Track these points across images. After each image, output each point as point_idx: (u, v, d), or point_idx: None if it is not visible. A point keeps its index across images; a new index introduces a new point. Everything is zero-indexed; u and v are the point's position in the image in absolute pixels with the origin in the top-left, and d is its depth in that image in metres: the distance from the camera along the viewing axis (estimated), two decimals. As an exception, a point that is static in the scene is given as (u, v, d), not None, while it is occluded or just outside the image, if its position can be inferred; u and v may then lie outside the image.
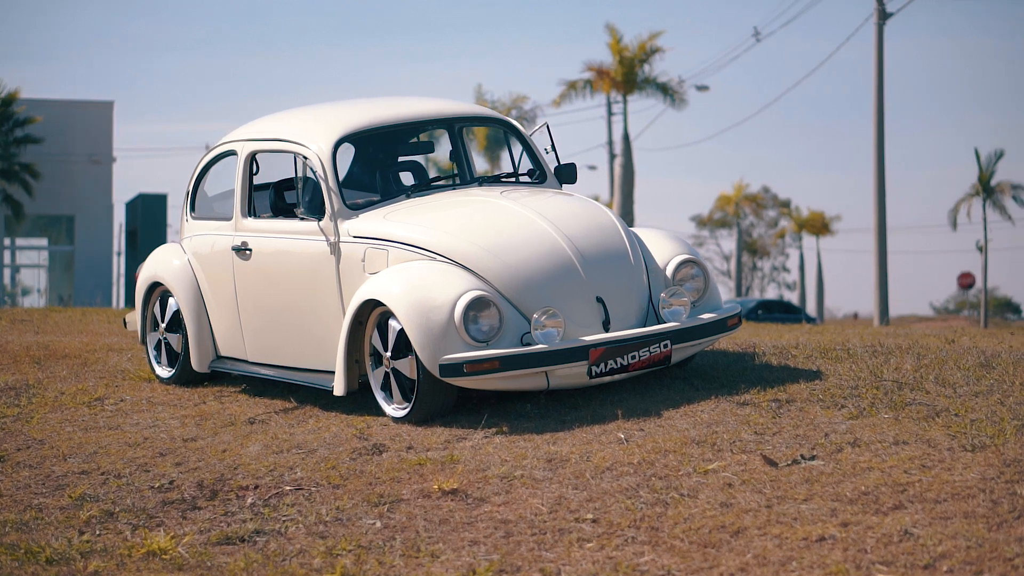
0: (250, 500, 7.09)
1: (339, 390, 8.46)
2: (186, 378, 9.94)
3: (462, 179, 9.31)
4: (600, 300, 8.10)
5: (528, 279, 8.04)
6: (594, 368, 7.94)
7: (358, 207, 8.74)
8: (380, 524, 6.53)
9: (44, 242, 49.56)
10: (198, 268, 9.76)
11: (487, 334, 7.89)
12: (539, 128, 9.53)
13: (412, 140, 9.84)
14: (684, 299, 8.25)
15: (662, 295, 8.24)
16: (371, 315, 8.31)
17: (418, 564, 6.00)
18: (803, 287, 79.25)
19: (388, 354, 8.21)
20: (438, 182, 9.38)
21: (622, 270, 8.24)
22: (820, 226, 78.20)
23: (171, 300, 9.95)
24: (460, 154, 9.39)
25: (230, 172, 9.60)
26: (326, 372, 8.74)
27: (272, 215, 9.19)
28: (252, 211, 9.38)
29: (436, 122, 9.54)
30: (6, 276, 49.28)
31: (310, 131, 9.05)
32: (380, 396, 8.37)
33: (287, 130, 9.25)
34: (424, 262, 8.21)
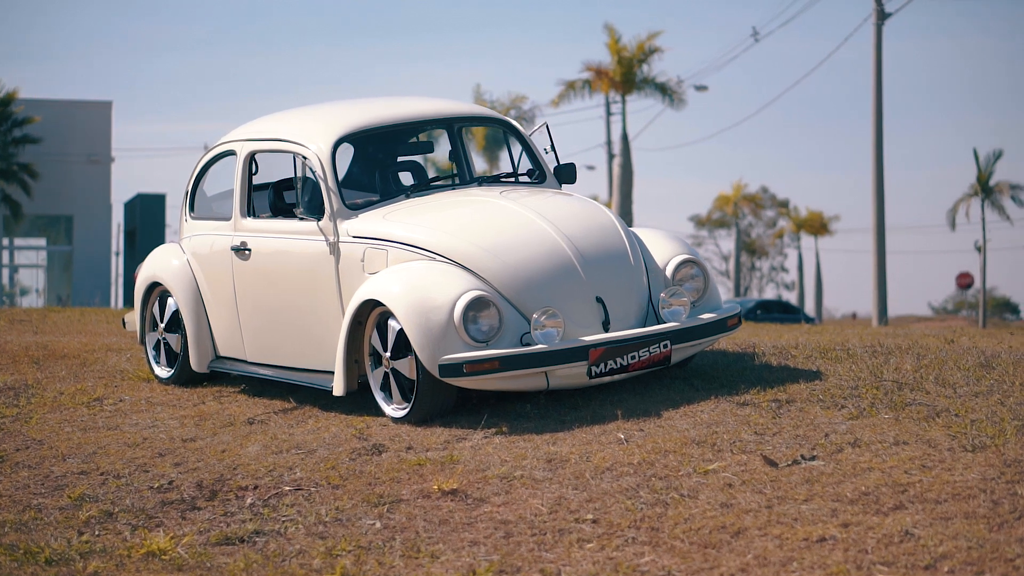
0: (249, 500, 7.08)
1: (338, 390, 8.45)
2: (185, 378, 9.93)
3: (461, 179, 9.31)
4: (600, 300, 8.09)
5: (528, 279, 8.02)
6: (594, 368, 7.93)
7: (357, 207, 8.73)
8: (380, 524, 6.52)
9: (42, 242, 49.57)
10: (197, 268, 9.74)
11: (487, 334, 7.88)
12: (539, 128, 9.52)
13: (411, 140, 9.83)
14: (684, 299, 8.24)
15: (662, 295, 8.23)
16: (370, 315, 8.30)
17: (418, 565, 5.99)
18: (802, 287, 79.32)
19: (387, 354, 8.20)
20: (437, 182, 9.37)
21: (622, 270, 8.23)
22: (819, 226, 78.22)
23: (170, 300, 9.94)
24: (459, 154, 9.37)
25: (229, 172, 9.59)
26: (325, 372, 8.73)
27: (271, 215, 9.18)
28: (251, 211, 9.37)
29: (435, 122, 9.53)
30: (4, 276, 49.29)
31: (309, 131, 9.04)
32: (379, 396, 8.36)
33: (286, 130, 9.24)
34: (424, 262, 8.20)
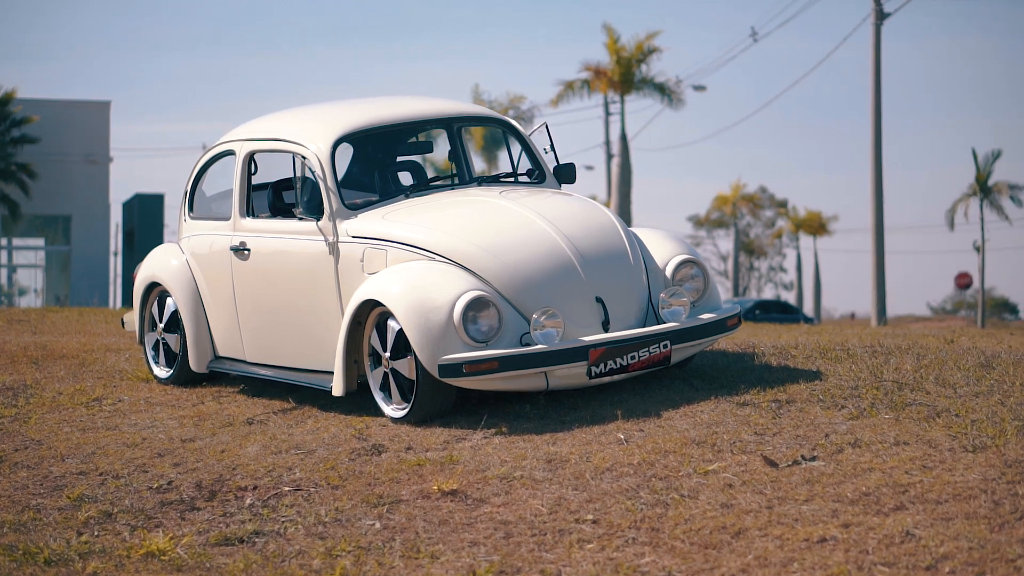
0: (249, 501, 7.07)
1: (338, 390, 8.44)
2: (184, 378, 9.92)
3: (461, 179, 9.30)
4: (600, 300, 8.08)
5: (527, 279, 8.01)
6: (593, 368, 7.92)
7: (357, 207, 8.72)
8: (379, 525, 6.51)
9: (41, 242, 49.54)
10: (196, 268, 9.73)
11: (486, 334, 7.87)
12: (538, 128, 9.51)
13: (411, 140, 9.82)
14: (684, 299, 8.23)
15: (661, 295, 8.22)
16: (370, 315, 8.29)
17: (418, 565, 5.98)
18: (800, 287, 79.35)
19: (387, 354, 8.19)
20: (437, 182, 9.37)
21: (622, 270, 8.22)
22: (817, 226, 78.24)
23: (169, 300, 9.93)
24: (459, 154, 9.37)
25: (228, 172, 9.58)
26: (325, 372, 8.72)
27: (271, 215, 9.16)
28: (250, 211, 9.36)
29: (435, 122, 9.52)
30: (3, 276, 49.31)
31: (309, 131, 9.03)
32: (379, 396, 8.35)
33: (286, 130, 9.23)
34: (423, 262, 8.19)
